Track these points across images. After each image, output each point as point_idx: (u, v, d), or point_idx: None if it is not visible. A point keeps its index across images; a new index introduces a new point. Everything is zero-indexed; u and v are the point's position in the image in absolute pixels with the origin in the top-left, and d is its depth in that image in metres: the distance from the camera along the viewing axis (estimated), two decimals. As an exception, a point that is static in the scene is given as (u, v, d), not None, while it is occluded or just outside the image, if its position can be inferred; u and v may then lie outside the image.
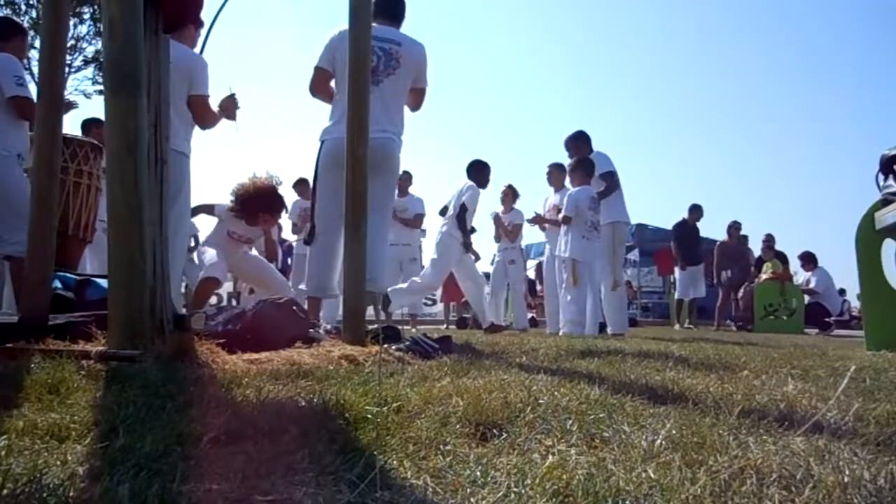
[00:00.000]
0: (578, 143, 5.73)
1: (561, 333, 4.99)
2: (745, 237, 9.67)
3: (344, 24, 3.38)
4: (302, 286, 3.56)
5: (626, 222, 5.86)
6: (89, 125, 4.89)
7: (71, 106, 4.12)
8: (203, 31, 3.76)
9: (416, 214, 7.02)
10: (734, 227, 9.22)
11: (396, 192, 6.92)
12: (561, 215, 5.47)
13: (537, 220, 6.23)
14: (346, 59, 3.28)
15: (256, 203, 4.52)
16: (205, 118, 3.39)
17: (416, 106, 3.59)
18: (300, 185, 7.03)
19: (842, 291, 10.04)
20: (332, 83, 3.44)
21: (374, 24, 3.38)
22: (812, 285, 9.02)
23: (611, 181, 5.54)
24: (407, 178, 7.11)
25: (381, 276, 3.51)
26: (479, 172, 5.89)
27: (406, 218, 6.92)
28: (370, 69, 2.77)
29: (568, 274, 5.34)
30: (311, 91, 3.46)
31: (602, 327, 5.52)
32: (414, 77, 3.45)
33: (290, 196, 6.78)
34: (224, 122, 3.57)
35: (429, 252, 8.46)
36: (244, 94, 3.67)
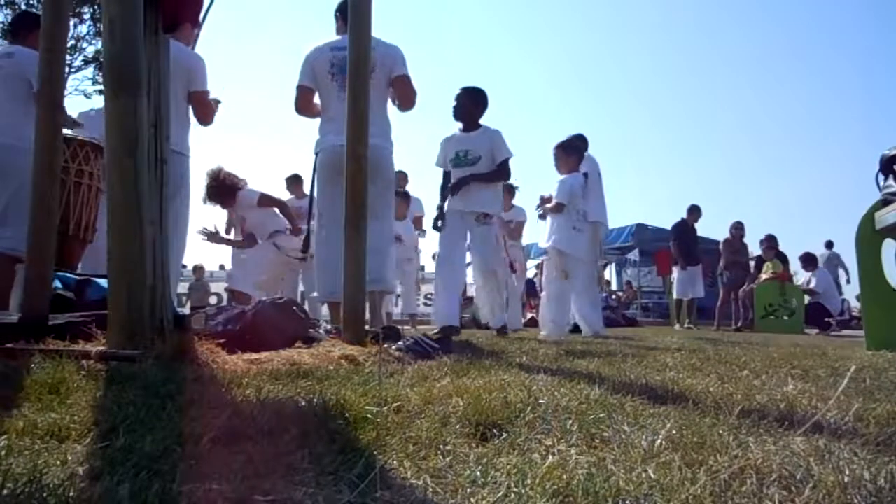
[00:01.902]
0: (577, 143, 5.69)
1: (542, 336, 4.54)
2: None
3: (317, 40, 3.42)
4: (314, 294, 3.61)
5: (605, 224, 5.83)
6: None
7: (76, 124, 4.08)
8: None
9: (414, 217, 7.01)
10: (736, 227, 9.23)
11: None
12: (553, 202, 5.06)
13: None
14: (324, 72, 3.34)
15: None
16: (206, 114, 3.41)
17: (405, 99, 3.46)
18: (294, 182, 6.77)
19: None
20: (317, 98, 3.46)
21: (343, 36, 3.40)
22: (812, 286, 9.03)
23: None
24: (403, 177, 7.09)
25: (390, 276, 3.58)
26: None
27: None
28: (369, 69, 2.77)
29: (552, 267, 4.98)
30: (297, 110, 3.47)
31: (575, 328, 5.30)
32: (388, 71, 3.39)
33: (283, 194, 6.72)
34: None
35: (427, 252, 8.45)
36: (241, 94, 3.69)
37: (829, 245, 11.98)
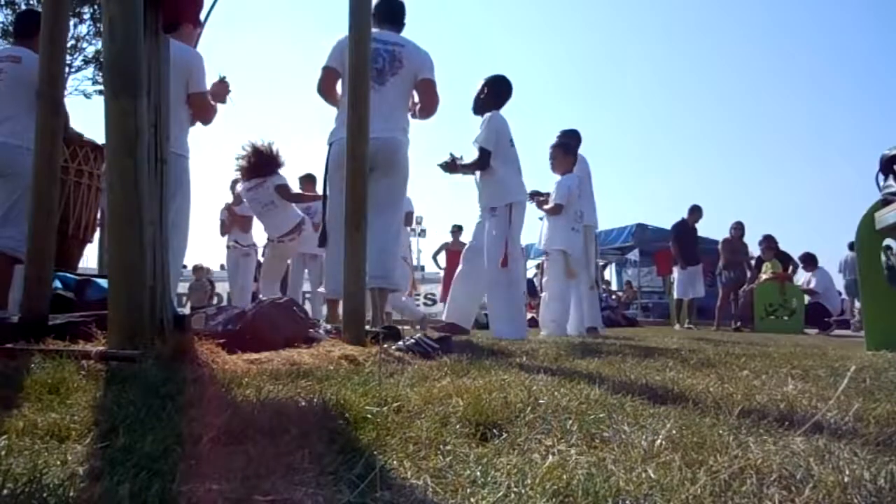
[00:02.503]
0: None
1: (542, 336, 4.62)
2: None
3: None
4: (321, 289, 3.63)
5: (595, 226, 5.91)
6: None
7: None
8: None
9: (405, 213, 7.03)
10: (735, 227, 9.23)
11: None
12: (552, 203, 5.16)
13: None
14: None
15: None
16: (206, 114, 3.40)
17: (426, 104, 3.54)
18: (306, 181, 6.75)
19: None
20: (339, 86, 3.46)
21: (378, 30, 3.41)
22: (812, 286, 9.03)
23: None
24: None
25: (395, 272, 3.55)
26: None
27: None
28: (370, 69, 2.77)
29: (559, 267, 5.08)
30: (320, 91, 3.47)
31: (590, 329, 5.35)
32: (415, 72, 3.46)
33: None
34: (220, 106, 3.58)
35: (427, 252, 8.41)
36: (242, 95, 3.67)
37: (853, 246, 11.88)
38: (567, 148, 5.33)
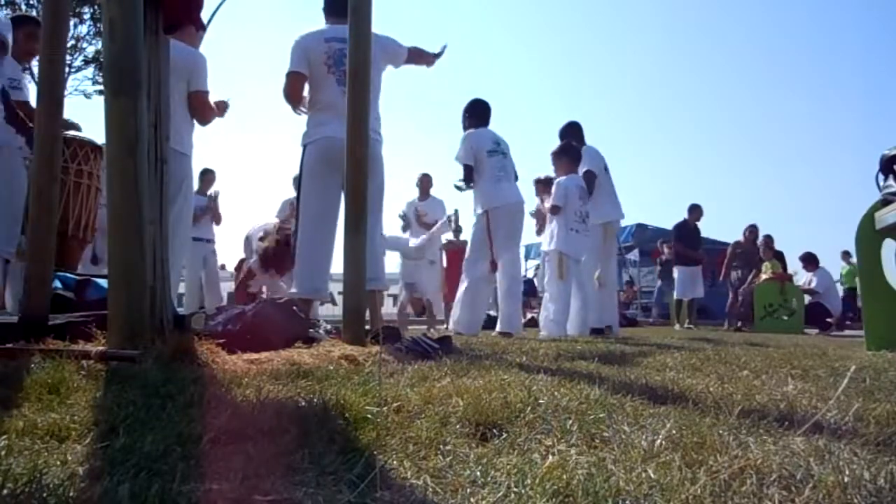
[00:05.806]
0: (570, 134, 5.51)
1: (541, 336, 4.61)
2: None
3: (307, 27, 3.40)
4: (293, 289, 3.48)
5: (618, 220, 5.81)
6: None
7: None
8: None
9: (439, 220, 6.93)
10: (749, 230, 9.21)
11: (418, 194, 6.96)
12: (548, 205, 5.20)
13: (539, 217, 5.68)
14: (320, 63, 3.30)
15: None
16: (204, 114, 3.40)
17: (424, 62, 3.69)
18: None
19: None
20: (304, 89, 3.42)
21: (330, 25, 3.37)
22: (813, 285, 9.03)
23: (590, 181, 5.36)
24: (427, 179, 7.04)
25: (384, 274, 3.60)
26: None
27: (430, 222, 6.75)
28: (370, 70, 2.77)
29: (553, 268, 5.06)
30: (288, 96, 3.39)
31: (598, 330, 5.23)
32: (390, 61, 3.48)
33: (289, 192, 6.68)
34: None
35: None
36: (244, 92, 3.69)
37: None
38: (559, 152, 5.30)
